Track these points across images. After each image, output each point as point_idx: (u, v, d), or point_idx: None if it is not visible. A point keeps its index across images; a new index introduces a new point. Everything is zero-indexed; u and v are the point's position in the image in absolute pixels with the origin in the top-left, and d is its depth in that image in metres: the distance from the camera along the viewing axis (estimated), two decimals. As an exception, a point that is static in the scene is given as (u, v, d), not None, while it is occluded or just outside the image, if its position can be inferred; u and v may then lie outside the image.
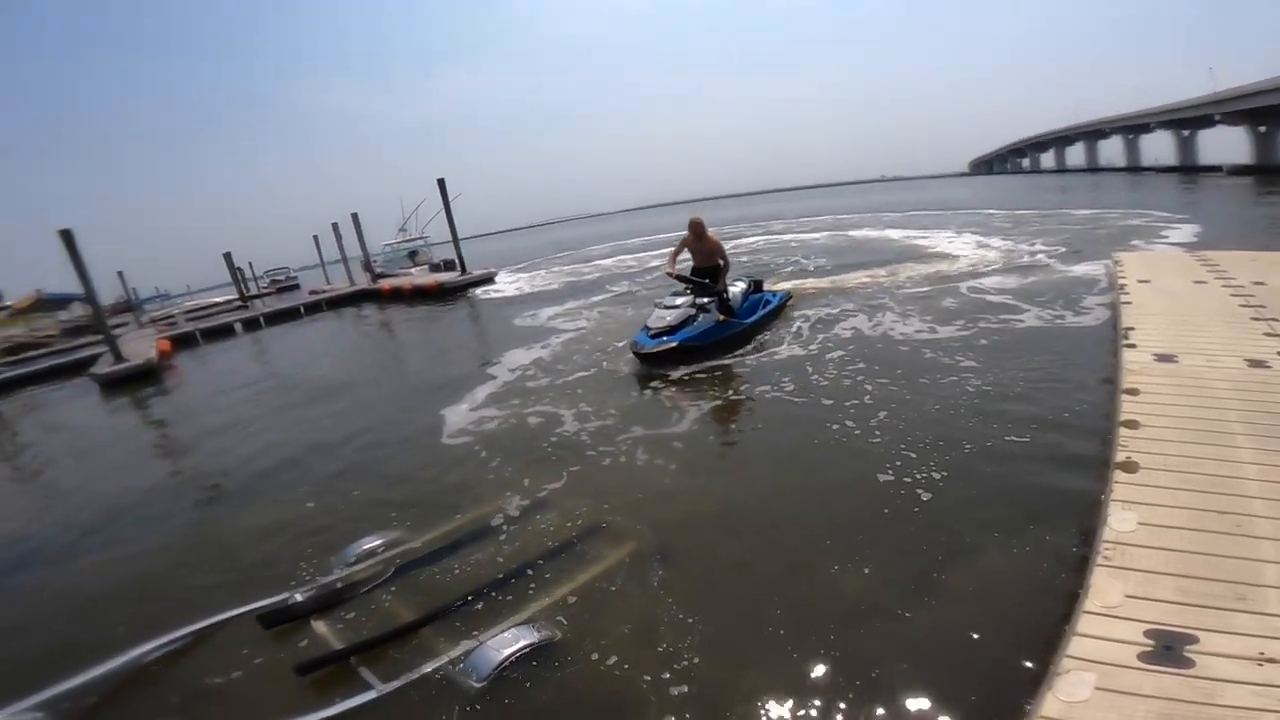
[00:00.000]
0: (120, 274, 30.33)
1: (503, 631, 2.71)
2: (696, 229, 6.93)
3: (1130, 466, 2.80)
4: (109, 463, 6.89)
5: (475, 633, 2.75)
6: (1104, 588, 2.08)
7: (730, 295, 7.11)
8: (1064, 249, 11.15)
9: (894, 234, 17.50)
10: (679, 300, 6.68)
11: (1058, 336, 6.03)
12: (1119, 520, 2.43)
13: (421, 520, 3.94)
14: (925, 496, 3.34)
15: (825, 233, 19.96)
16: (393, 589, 3.26)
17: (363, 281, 23.15)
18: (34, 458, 8.17)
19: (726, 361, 6.40)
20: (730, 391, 5.65)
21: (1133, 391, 3.62)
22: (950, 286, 8.84)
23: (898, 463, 3.74)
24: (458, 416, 6.00)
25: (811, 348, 6.59)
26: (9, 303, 29.70)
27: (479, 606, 2.98)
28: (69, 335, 23.56)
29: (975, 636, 2.35)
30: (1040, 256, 10.61)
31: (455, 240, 20.27)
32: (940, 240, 14.66)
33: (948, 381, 5.03)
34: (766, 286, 8.46)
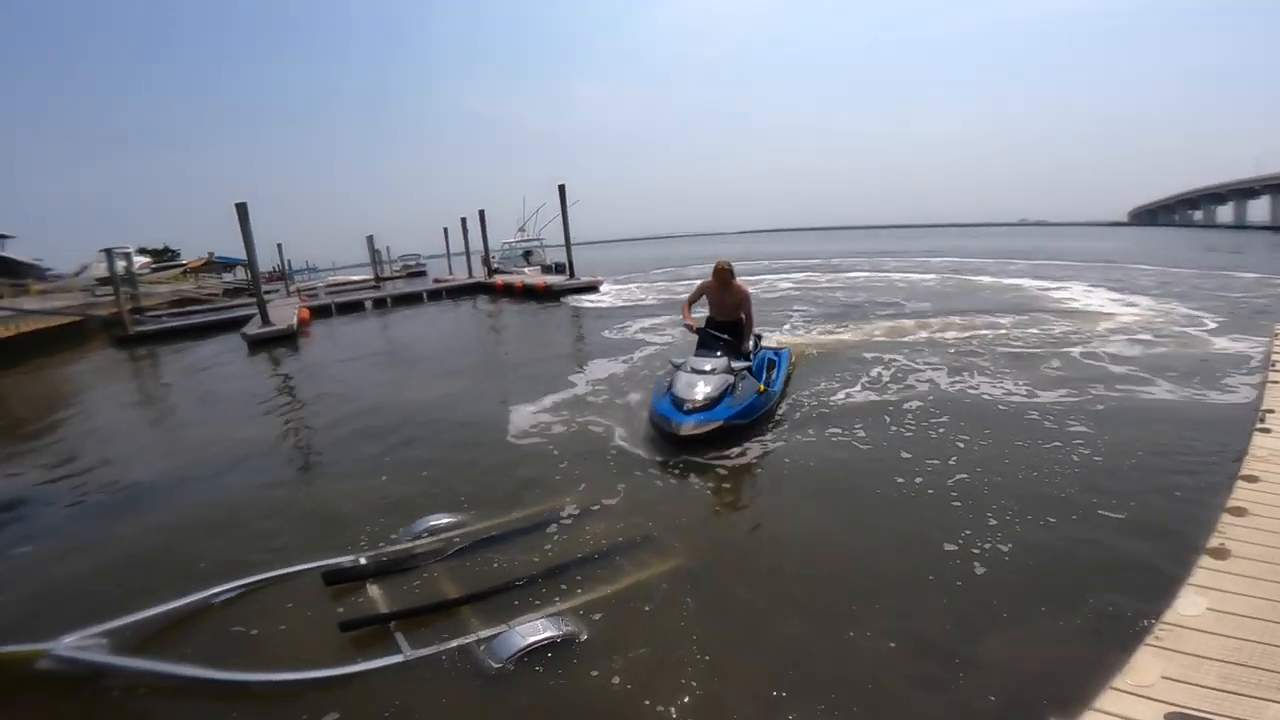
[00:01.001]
0: (279, 246, 34.49)
1: (532, 620, 2.85)
2: (722, 275, 5.95)
3: (1221, 553, 2.57)
4: (231, 414, 7.81)
5: (507, 618, 2.91)
6: (1142, 667, 1.98)
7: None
8: (1217, 315, 9.91)
9: (1018, 281, 16.32)
10: (708, 364, 5.41)
11: (1189, 413, 5.35)
12: (1187, 604, 2.27)
13: (484, 507, 4.19)
14: (980, 571, 3.12)
15: (940, 275, 18.85)
16: (447, 566, 3.50)
17: (480, 275, 24.76)
18: (175, 404, 9.33)
19: (787, 399, 6.20)
20: (795, 432, 5.41)
21: (1251, 479, 3.27)
22: (1065, 348, 8.06)
23: (967, 530, 3.49)
24: (532, 417, 6.27)
25: (889, 395, 6.26)
26: (184, 262, 34.70)
27: (517, 595, 3.14)
28: (228, 295, 27.07)
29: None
30: (1187, 324, 9.43)
31: (568, 245, 21.17)
32: (1069, 294, 13.44)
33: (1050, 447, 4.64)
34: (765, 343, 7.09)
